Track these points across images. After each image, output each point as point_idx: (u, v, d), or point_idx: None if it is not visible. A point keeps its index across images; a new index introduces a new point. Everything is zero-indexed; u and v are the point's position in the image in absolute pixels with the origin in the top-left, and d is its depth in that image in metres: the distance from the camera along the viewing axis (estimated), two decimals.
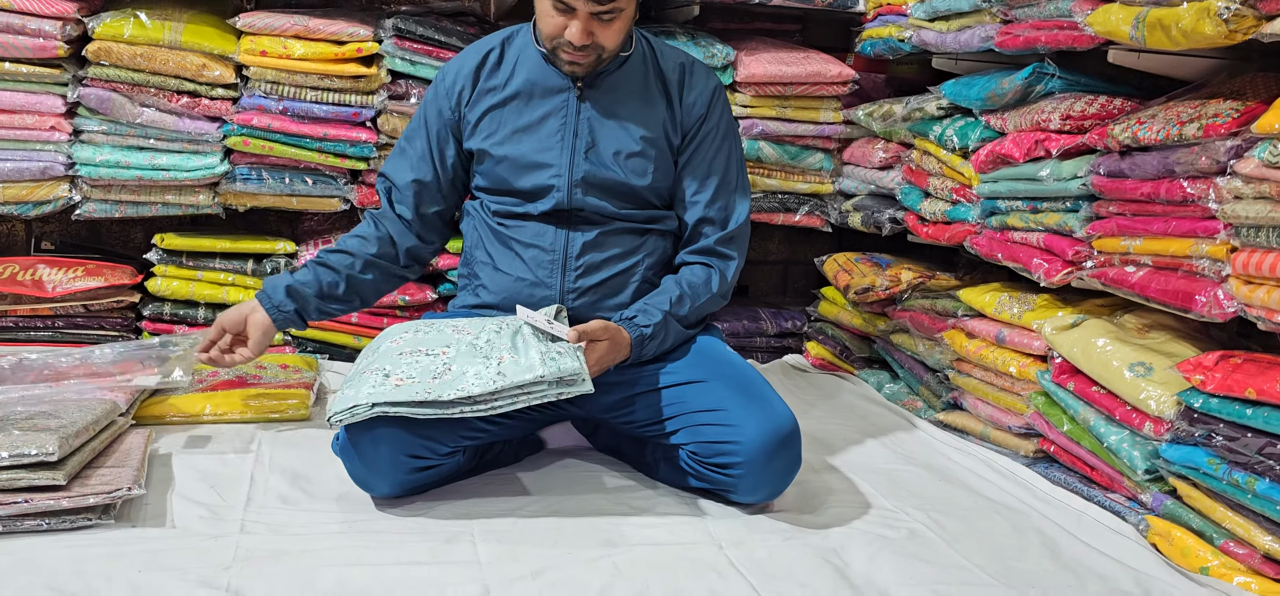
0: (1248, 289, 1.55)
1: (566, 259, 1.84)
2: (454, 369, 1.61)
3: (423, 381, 1.59)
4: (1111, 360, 1.78)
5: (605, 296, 1.86)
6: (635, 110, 1.86)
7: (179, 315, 2.54)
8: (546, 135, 1.85)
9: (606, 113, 1.85)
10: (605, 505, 1.72)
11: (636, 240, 1.88)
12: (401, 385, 1.58)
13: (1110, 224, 1.85)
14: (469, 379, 1.58)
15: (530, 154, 1.84)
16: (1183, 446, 1.62)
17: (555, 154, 1.83)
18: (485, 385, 1.57)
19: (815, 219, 2.83)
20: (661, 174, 1.89)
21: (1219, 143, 1.59)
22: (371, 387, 1.58)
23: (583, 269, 1.84)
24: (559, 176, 1.83)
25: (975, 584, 1.48)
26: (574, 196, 1.84)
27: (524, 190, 1.86)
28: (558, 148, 1.84)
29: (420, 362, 1.63)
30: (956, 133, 2.27)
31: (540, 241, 1.85)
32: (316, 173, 2.55)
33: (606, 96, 1.86)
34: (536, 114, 1.86)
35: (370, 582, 1.39)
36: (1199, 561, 1.55)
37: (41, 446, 1.51)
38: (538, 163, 1.84)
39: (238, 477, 1.75)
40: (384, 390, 1.58)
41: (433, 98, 1.95)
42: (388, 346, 1.69)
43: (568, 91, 1.85)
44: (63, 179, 2.46)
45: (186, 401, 2.06)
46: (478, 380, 1.58)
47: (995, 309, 2.13)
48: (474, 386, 1.57)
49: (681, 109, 1.89)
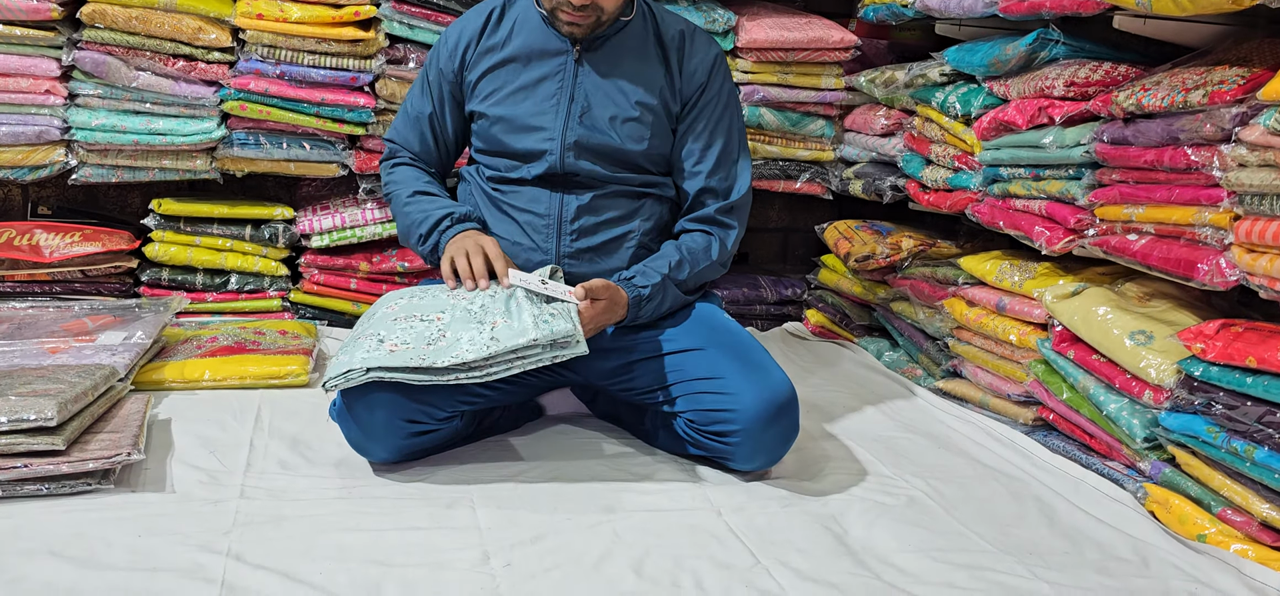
0: (1250, 257, 1.54)
1: (561, 223, 1.84)
2: (449, 335, 1.60)
3: (417, 347, 1.58)
4: (1112, 328, 1.77)
5: (600, 259, 1.85)
6: (633, 75, 1.85)
7: (177, 281, 2.54)
8: (542, 98, 1.84)
9: (604, 77, 1.83)
10: (604, 471, 1.72)
11: (632, 204, 1.87)
12: (396, 351, 1.58)
13: (1113, 192, 1.84)
14: (463, 345, 1.57)
15: (525, 116, 1.84)
16: (1182, 414, 1.62)
17: (549, 117, 1.83)
18: (479, 350, 1.56)
19: (816, 187, 2.81)
20: (658, 140, 1.87)
21: (1224, 110, 1.58)
22: (366, 352, 1.58)
23: (577, 232, 1.84)
24: (552, 139, 1.82)
25: (973, 550, 1.49)
26: (566, 160, 1.83)
27: (517, 152, 1.85)
28: (552, 111, 1.83)
29: (415, 328, 1.62)
30: (959, 99, 2.25)
31: (535, 206, 1.84)
32: (314, 138, 2.53)
33: (605, 61, 1.84)
34: (534, 76, 1.85)
35: (370, 548, 1.39)
36: (1196, 528, 1.55)
37: (40, 411, 1.50)
38: (531, 125, 1.83)
39: (237, 443, 1.76)
40: (378, 355, 1.57)
41: (435, 56, 1.94)
42: (384, 312, 1.69)
43: (566, 55, 1.84)
44: (59, 143, 2.45)
45: (185, 367, 2.06)
46: (471, 346, 1.57)
47: (996, 277, 2.13)
48: (468, 352, 1.57)
49: (681, 77, 1.88)
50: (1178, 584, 1.41)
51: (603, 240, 1.85)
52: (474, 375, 1.57)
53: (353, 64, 2.47)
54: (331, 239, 2.55)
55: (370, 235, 2.55)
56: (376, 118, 2.52)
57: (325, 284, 2.58)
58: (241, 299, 2.55)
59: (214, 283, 2.55)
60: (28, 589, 1.24)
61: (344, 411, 1.63)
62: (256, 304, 2.56)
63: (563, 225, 1.84)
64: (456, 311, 1.65)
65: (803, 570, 1.40)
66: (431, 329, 1.62)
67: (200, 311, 2.52)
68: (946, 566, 1.43)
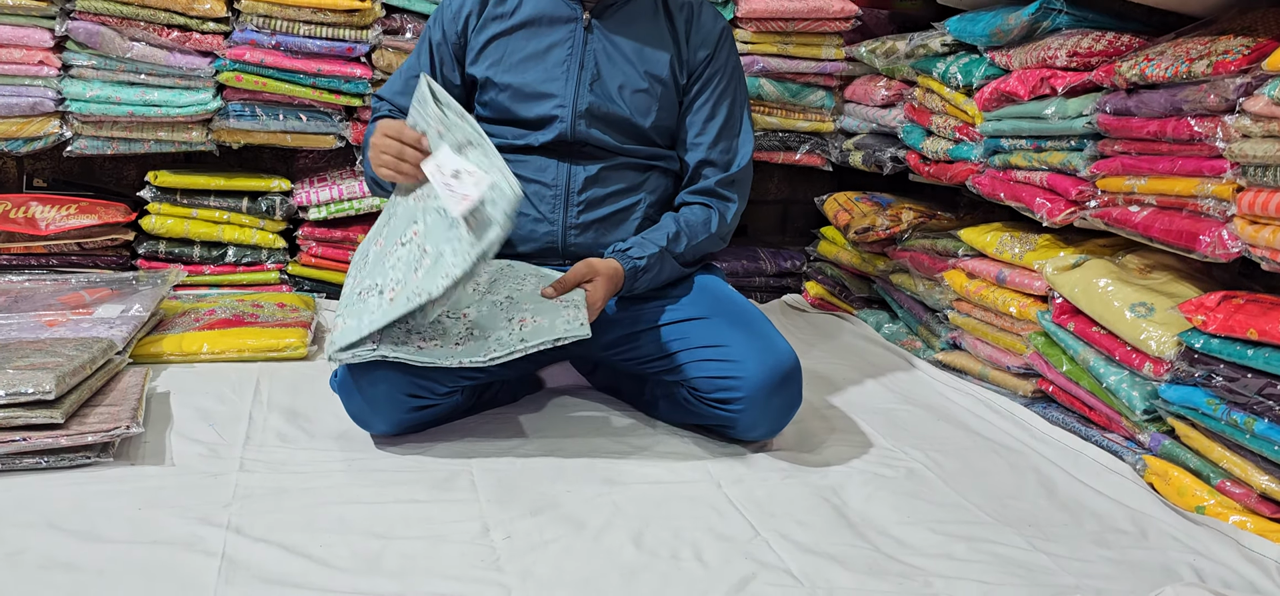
0: (1252, 229, 1.53)
1: (568, 194, 1.83)
2: (429, 248, 1.55)
3: (407, 279, 1.55)
4: (1112, 300, 1.77)
5: (607, 231, 1.84)
6: (642, 46, 1.84)
7: (174, 253, 2.52)
8: (552, 65, 1.82)
9: (614, 46, 1.82)
10: (604, 444, 1.72)
11: (639, 177, 1.86)
12: (395, 298, 1.55)
13: (1115, 163, 1.83)
14: (448, 261, 1.50)
15: (535, 83, 1.82)
16: (1182, 386, 1.62)
17: (560, 84, 1.81)
18: (507, 347, 1.55)
19: (816, 158, 2.80)
20: (665, 112, 1.86)
21: (1228, 80, 1.57)
22: (372, 314, 1.56)
23: (584, 204, 1.83)
24: (563, 107, 1.81)
25: (972, 522, 1.49)
26: (577, 128, 1.81)
27: (527, 120, 1.84)
28: (563, 78, 1.81)
29: (398, 255, 1.59)
30: (960, 70, 2.24)
31: (542, 177, 1.83)
32: (311, 109, 2.51)
33: (614, 29, 1.83)
34: (543, 43, 1.83)
35: (370, 520, 1.39)
36: (1195, 500, 1.55)
37: (38, 384, 1.50)
38: (542, 92, 1.82)
39: (236, 416, 1.75)
40: (381, 311, 1.54)
41: (437, 19, 1.91)
42: (373, 252, 1.67)
43: (575, 22, 1.82)
44: (53, 114, 2.43)
45: (185, 340, 2.06)
46: (499, 345, 1.56)
47: (996, 249, 2.12)
48: (496, 348, 1.55)
49: (688, 49, 1.86)
50: (1176, 555, 1.42)
51: (609, 212, 1.84)
52: (489, 361, 1.56)
53: (349, 34, 2.45)
54: (329, 211, 2.53)
55: (368, 207, 2.54)
56: (373, 89, 2.50)
57: (323, 256, 2.57)
58: (239, 271, 2.55)
59: (211, 255, 2.54)
60: (28, 561, 1.24)
61: (346, 382, 1.63)
62: (254, 276, 2.55)
63: (570, 196, 1.83)
64: (428, 217, 1.58)
65: (802, 542, 1.40)
66: (412, 250, 1.58)
67: (198, 284, 2.51)
68: (945, 538, 1.44)
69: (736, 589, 1.27)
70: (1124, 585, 1.32)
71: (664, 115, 1.86)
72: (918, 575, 1.33)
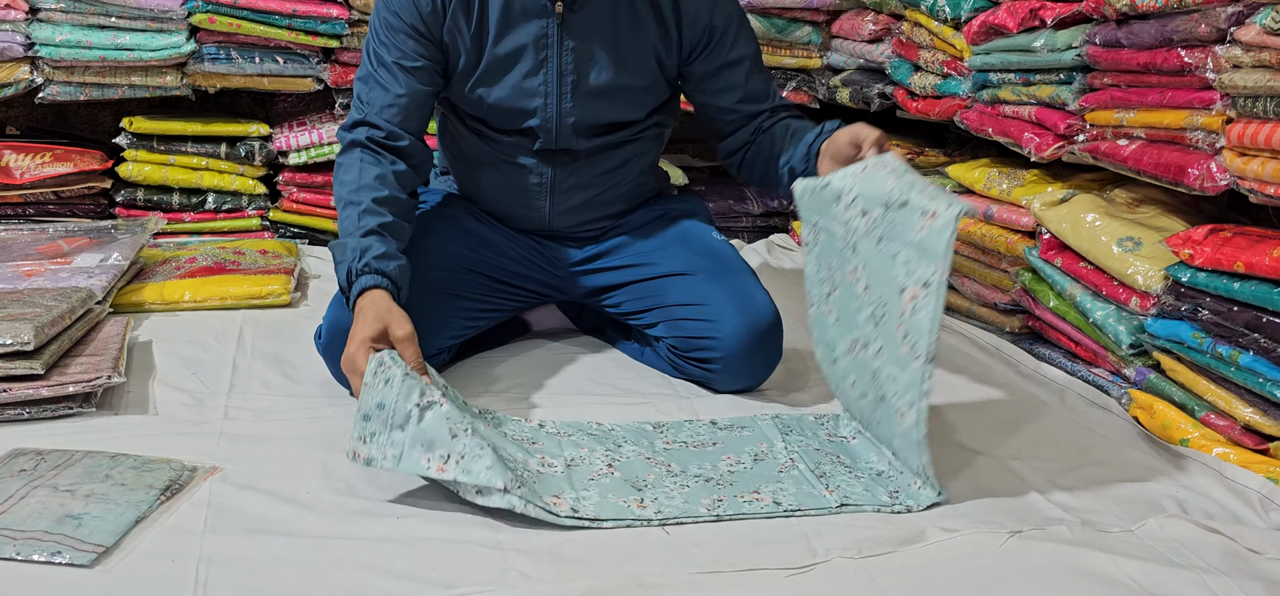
0: (1241, 161, 1.52)
1: (554, 185, 1.77)
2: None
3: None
4: (1100, 235, 1.76)
5: (594, 207, 1.81)
6: (623, 36, 1.68)
7: (153, 201, 2.49)
8: (524, 72, 1.66)
9: (590, 40, 1.66)
10: (589, 388, 1.72)
11: (626, 154, 1.81)
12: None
13: (1104, 96, 1.81)
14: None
15: (510, 99, 1.68)
16: (1168, 320, 1.62)
17: (539, 99, 1.68)
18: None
19: (803, 95, 2.77)
20: (654, 97, 1.77)
21: (1219, 10, 1.54)
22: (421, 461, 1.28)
23: (572, 187, 1.78)
24: (548, 123, 1.69)
25: (959, 458, 1.50)
26: (563, 140, 1.72)
27: (507, 130, 1.73)
28: (541, 89, 1.67)
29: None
30: (949, 3, 2.20)
31: (527, 168, 1.76)
32: (288, 51, 2.46)
33: (590, 20, 1.66)
34: (513, 44, 1.65)
35: (356, 468, 1.38)
36: (1179, 433, 1.56)
37: (16, 335, 1.48)
38: (520, 108, 1.68)
39: (220, 364, 1.74)
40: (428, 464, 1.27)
41: (408, 5, 1.64)
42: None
43: (547, 18, 1.65)
44: (23, 61, 2.37)
45: (166, 288, 2.04)
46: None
47: (984, 185, 2.11)
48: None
49: (681, 27, 1.72)
50: (1160, 488, 1.43)
51: (597, 192, 1.80)
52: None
53: None
54: (309, 155, 2.50)
55: None
56: (351, 30, 2.45)
57: (305, 202, 2.54)
58: (219, 218, 2.51)
59: (191, 202, 2.51)
60: None
61: (331, 348, 1.60)
62: (235, 223, 2.52)
63: (557, 184, 1.77)
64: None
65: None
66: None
67: (178, 232, 2.48)
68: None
69: (723, 529, 1.27)
70: (1108, 518, 1.33)
71: (652, 99, 1.77)
72: (905, 512, 1.33)
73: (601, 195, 1.81)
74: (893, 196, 1.34)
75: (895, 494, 1.36)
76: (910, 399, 1.32)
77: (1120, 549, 1.25)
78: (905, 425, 1.35)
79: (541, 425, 1.50)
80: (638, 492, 1.32)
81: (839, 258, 1.45)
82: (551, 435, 1.48)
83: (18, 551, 1.12)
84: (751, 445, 1.48)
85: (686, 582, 1.15)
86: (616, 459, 1.41)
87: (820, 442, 1.50)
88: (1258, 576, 1.20)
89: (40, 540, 1.14)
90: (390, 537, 1.22)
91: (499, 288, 1.80)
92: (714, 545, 1.23)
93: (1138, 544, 1.27)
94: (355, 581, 1.12)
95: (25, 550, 1.12)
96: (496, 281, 1.80)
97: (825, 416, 1.59)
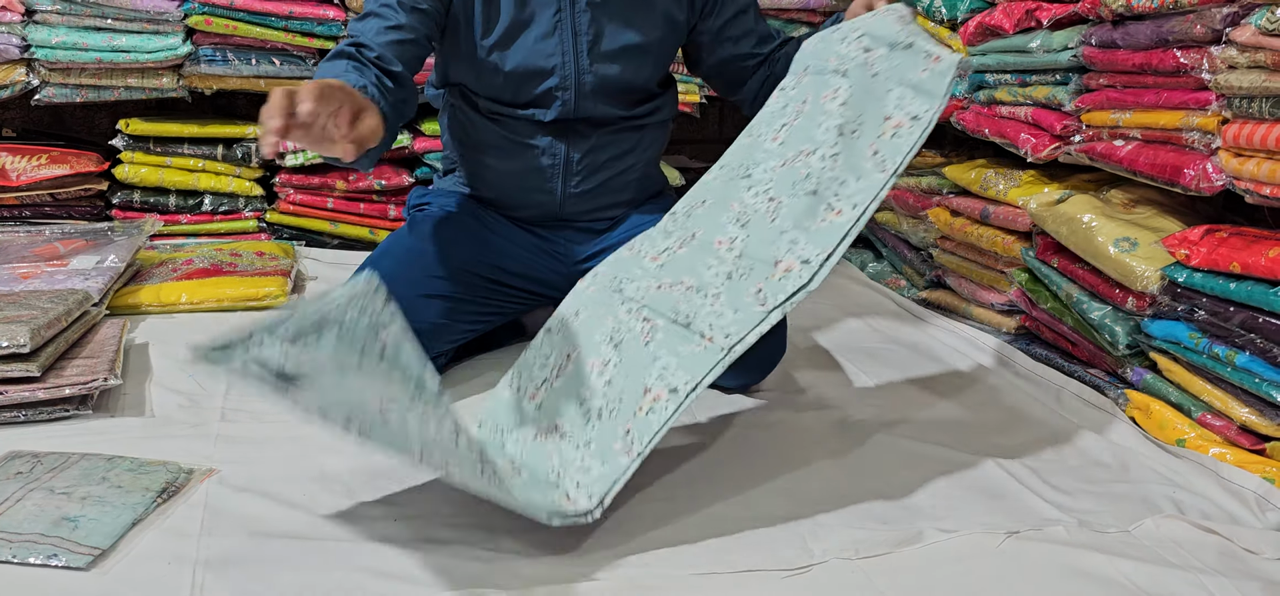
0: (1237, 161, 1.53)
1: (567, 165, 1.77)
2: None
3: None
4: (1096, 236, 1.77)
5: (604, 194, 1.81)
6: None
7: (149, 203, 2.49)
8: (540, 33, 1.66)
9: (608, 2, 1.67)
10: None
11: (635, 138, 1.81)
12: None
13: (1100, 96, 1.81)
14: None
15: (529, 61, 1.67)
16: (1165, 321, 1.62)
17: (557, 58, 1.68)
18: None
19: None
20: (666, 57, 1.79)
21: (1215, 10, 1.55)
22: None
23: (583, 170, 1.78)
24: (567, 82, 1.69)
25: (956, 458, 1.50)
26: (582, 107, 1.71)
27: (522, 101, 1.72)
28: (558, 49, 1.67)
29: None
30: (945, 3, 2.21)
31: (539, 149, 1.75)
32: (284, 53, 2.46)
33: None
34: (528, 10, 1.66)
35: (352, 470, 1.38)
36: (1176, 433, 1.57)
37: (12, 338, 1.48)
38: (539, 69, 1.67)
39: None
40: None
41: None
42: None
43: None
44: (19, 62, 2.37)
45: (162, 290, 2.04)
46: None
47: (980, 186, 2.11)
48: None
49: None
50: (1157, 488, 1.43)
51: (607, 177, 1.80)
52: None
53: None
54: (306, 157, 2.49)
55: None
56: (346, 32, 2.44)
57: (301, 203, 2.53)
58: (216, 220, 2.51)
59: (187, 204, 2.51)
60: None
61: None
62: (232, 225, 2.52)
63: (569, 166, 1.77)
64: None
65: (786, 483, 1.40)
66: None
67: (175, 234, 2.48)
68: (930, 475, 1.44)
69: (720, 530, 1.27)
70: (1105, 518, 1.33)
71: (663, 64, 1.80)
72: (902, 511, 1.33)
73: (612, 181, 1.81)
74: (900, 38, 1.42)
75: (761, 296, 1.28)
76: (859, 199, 1.29)
77: (1117, 549, 1.25)
78: (835, 219, 1.29)
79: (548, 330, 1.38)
80: (644, 385, 1.22)
81: (817, 85, 1.47)
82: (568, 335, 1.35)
83: (14, 554, 1.12)
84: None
85: (684, 584, 1.15)
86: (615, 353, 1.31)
87: (653, 278, 1.40)
88: (1254, 576, 1.21)
89: (36, 543, 1.14)
90: (388, 539, 1.21)
91: (499, 290, 1.80)
92: (711, 546, 1.23)
93: (1134, 544, 1.27)
94: (353, 583, 1.12)
95: (21, 553, 1.12)
96: (497, 283, 1.80)
97: (634, 244, 1.49)
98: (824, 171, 1.34)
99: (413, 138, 2.54)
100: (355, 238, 2.55)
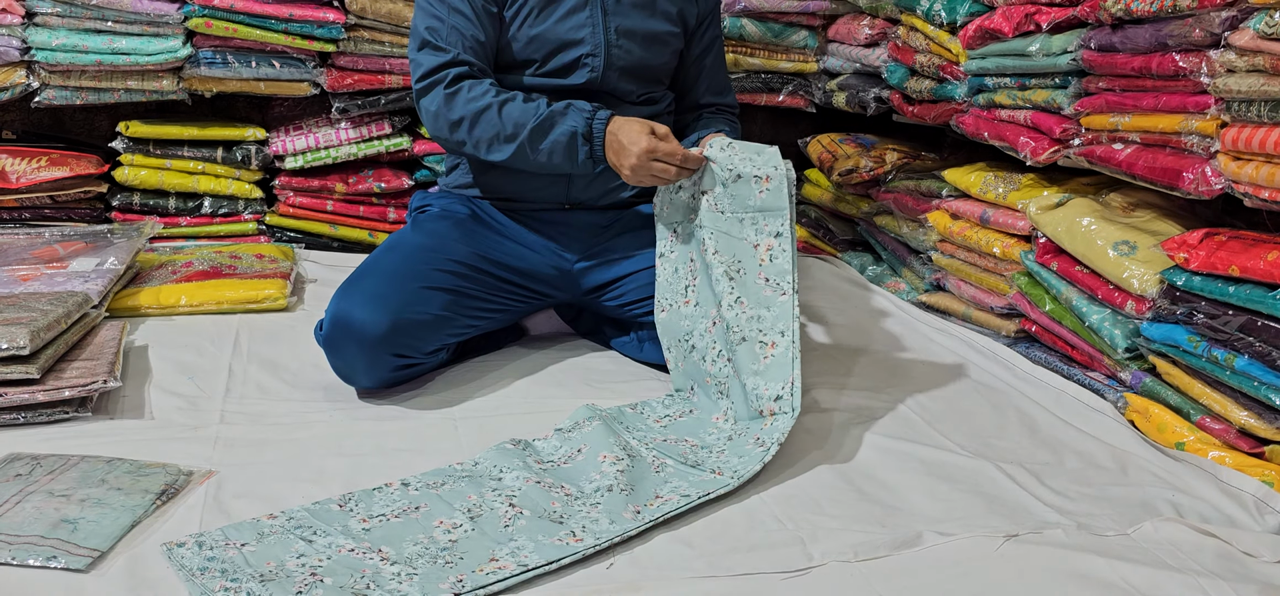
0: (1236, 165, 1.53)
1: None
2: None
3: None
4: (1096, 239, 1.77)
5: (609, 179, 1.83)
6: None
7: (149, 205, 2.49)
8: (569, 6, 1.77)
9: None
10: (588, 391, 1.72)
11: (647, 115, 1.84)
12: None
13: (1099, 100, 1.82)
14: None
15: (561, 32, 1.77)
16: (1164, 324, 1.62)
17: (587, 29, 1.78)
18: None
19: (799, 99, 2.77)
20: (672, 55, 1.90)
21: (1214, 13, 1.55)
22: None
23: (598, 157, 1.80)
24: (597, 50, 1.78)
25: (956, 461, 1.50)
26: (608, 78, 1.80)
27: (551, 69, 1.78)
28: (588, 21, 1.78)
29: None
30: (944, 7, 2.21)
31: None
32: (284, 56, 2.46)
33: None
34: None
35: (352, 471, 1.39)
36: (1175, 437, 1.57)
37: (12, 340, 1.48)
38: (571, 39, 1.77)
39: (216, 368, 1.74)
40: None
41: None
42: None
43: None
44: (19, 64, 2.37)
45: (162, 293, 2.03)
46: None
47: (980, 189, 2.11)
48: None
49: (696, 2, 1.91)
50: (1156, 491, 1.43)
51: None
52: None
53: None
54: (305, 160, 2.50)
55: (345, 155, 2.51)
56: (347, 34, 2.45)
57: (301, 206, 2.53)
58: (216, 223, 2.51)
59: (187, 206, 2.51)
60: None
61: (331, 339, 1.61)
62: (232, 228, 2.52)
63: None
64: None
65: (785, 483, 1.40)
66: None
67: (174, 236, 2.48)
68: (929, 477, 1.44)
69: (720, 534, 1.27)
70: (1104, 521, 1.33)
71: (672, 58, 1.90)
72: (901, 514, 1.33)
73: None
74: (726, 173, 1.58)
75: (760, 442, 1.43)
76: (782, 326, 1.51)
77: (1116, 552, 1.25)
78: (775, 352, 1.48)
79: (405, 483, 1.33)
80: (560, 525, 1.23)
81: (692, 246, 1.64)
82: (428, 490, 1.31)
83: (13, 556, 1.12)
84: (607, 450, 1.40)
85: (684, 588, 1.15)
86: (515, 495, 1.30)
87: (657, 433, 1.52)
88: (1253, 579, 1.21)
89: (36, 545, 1.14)
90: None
91: (502, 287, 1.81)
92: (710, 549, 1.23)
93: (1133, 547, 1.27)
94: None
95: (21, 554, 1.12)
96: (500, 280, 1.80)
97: (637, 405, 1.62)
98: (737, 318, 1.53)
99: (413, 141, 2.55)
100: (355, 240, 2.55)
